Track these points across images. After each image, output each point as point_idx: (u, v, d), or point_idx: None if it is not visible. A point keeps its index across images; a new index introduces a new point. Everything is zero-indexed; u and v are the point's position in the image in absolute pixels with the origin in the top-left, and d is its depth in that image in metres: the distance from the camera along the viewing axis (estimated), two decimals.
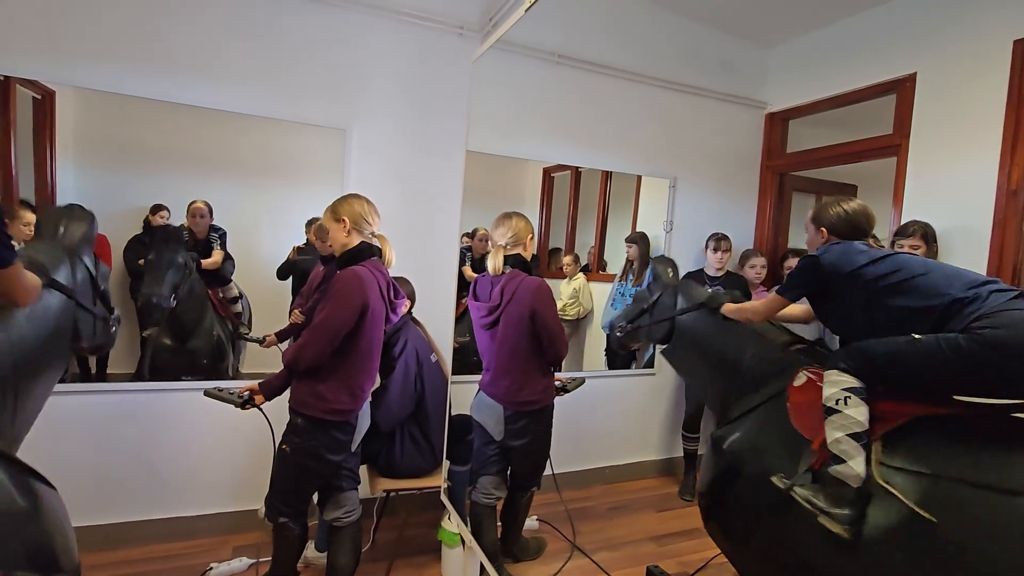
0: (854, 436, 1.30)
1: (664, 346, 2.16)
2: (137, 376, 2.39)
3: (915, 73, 2.63)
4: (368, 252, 1.82)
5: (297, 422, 1.77)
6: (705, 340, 1.96)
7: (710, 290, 2.09)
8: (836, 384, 1.38)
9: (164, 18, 2.23)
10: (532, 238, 2.08)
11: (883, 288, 1.40)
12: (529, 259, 2.08)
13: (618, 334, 2.27)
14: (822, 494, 1.32)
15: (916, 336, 1.30)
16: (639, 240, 3.26)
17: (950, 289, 1.31)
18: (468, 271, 2.94)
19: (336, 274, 1.77)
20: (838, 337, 1.69)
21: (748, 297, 2.61)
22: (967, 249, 2.34)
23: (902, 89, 2.69)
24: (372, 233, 1.85)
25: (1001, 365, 1.18)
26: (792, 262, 3.01)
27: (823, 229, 1.64)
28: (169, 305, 2.35)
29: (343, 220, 1.80)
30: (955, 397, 1.32)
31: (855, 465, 1.27)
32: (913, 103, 2.63)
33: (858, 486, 1.27)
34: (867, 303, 1.43)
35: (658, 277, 2.20)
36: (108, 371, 2.38)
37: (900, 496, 1.22)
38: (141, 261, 2.35)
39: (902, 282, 1.38)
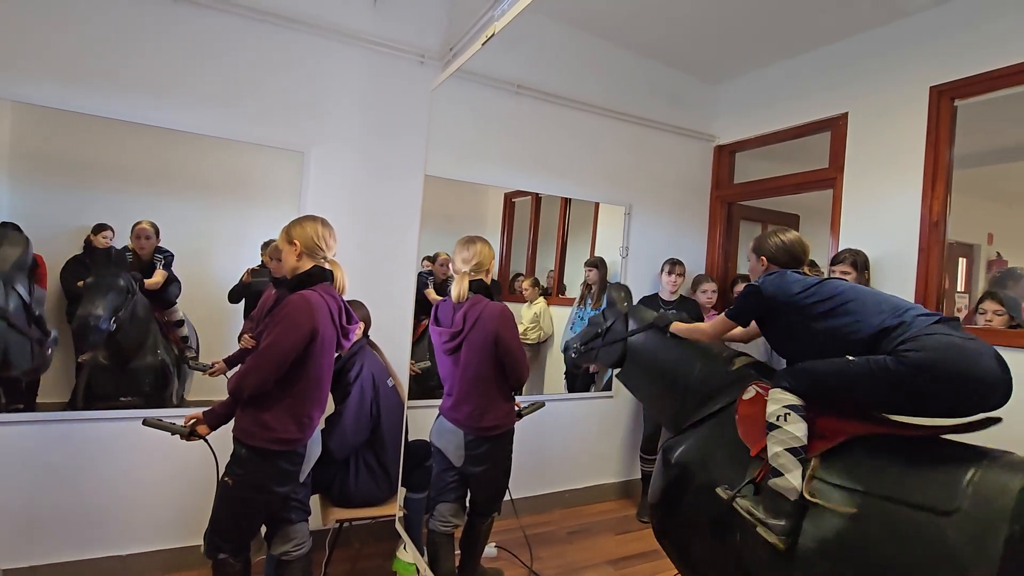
0: (792, 451, 1.37)
1: (619, 370, 2.20)
2: (71, 404, 2.25)
3: (846, 113, 2.84)
4: (320, 276, 1.76)
5: (241, 453, 1.69)
6: (655, 359, 2.01)
7: (659, 312, 2.16)
8: (778, 401, 1.45)
9: (113, 33, 2.18)
10: (494, 263, 2.10)
11: (818, 313, 1.49)
12: (490, 284, 2.10)
13: (572, 355, 2.31)
14: (761, 505, 1.38)
15: (850, 358, 1.38)
16: (599, 264, 3.34)
17: (878, 314, 1.40)
18: (431, 294, 2.94)
19: (284, 298, 1.72)
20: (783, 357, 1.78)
21: (700, 320, 2.72)
22: (896, 275, 2.51)
23: (835, 127, 2.90)
24: (325, 258, 1.80)
25: (924, 385, 1.27)
26: (741, 287, 3.15)
27: (763, 258, 1.74)
28: (108, 328, 2.24)
29: (295, 243, 1.76)
30: (891, 417, 1.40)
31: (792, 479, 1.34)
32: (846, 140, 2.84)
33: (795, 499, 1.33)
34: (804, 327, 1.52)
35: (612, 303, 2.26)
36: (38, 399, 2.23)
37: (830, 507, 1.28)
38: (80, 283, 2.24)
39: (835, 308, 1.47)
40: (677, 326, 1.94)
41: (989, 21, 2.33)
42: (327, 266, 1.80)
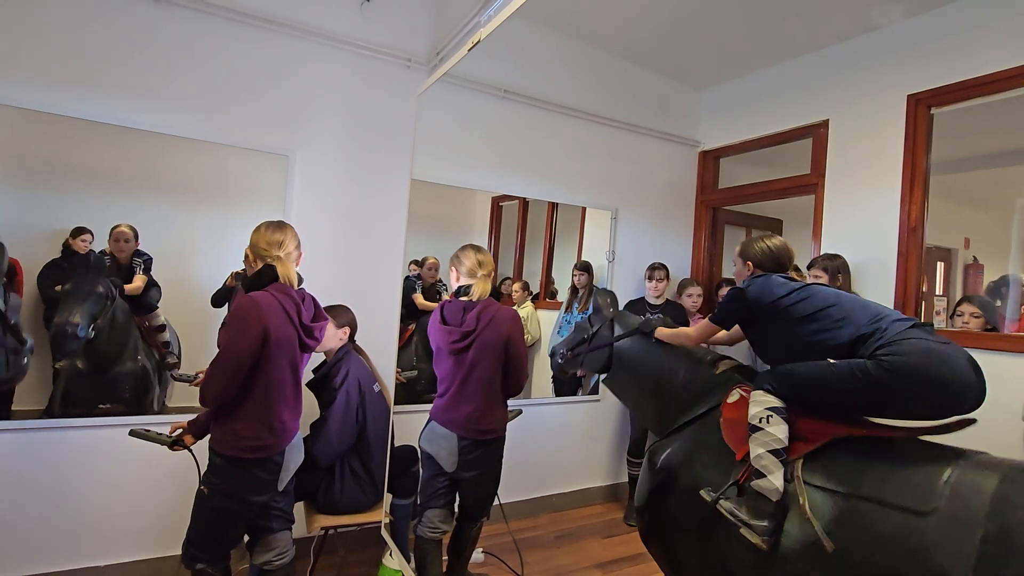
0: (774, 452, 1.39)
1: (605, 375, 2.21)
2: (47, 412, 2.19)
3: (827, 120, 2.90)
4: (270, 276, 1.70)
5: (216, 462, 1.66)
6: (640, 364, 2.03)
7: (645, 317, 2.17)
8: (760, 404, 1.47)
9: (92, 34, 2.15)
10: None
11: (799, 318, 1.52)
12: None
13: (559, 360, 2.32)
14: (744, 507, 1.40)
15: (831, 361, 1.41)
16: (588, 268, 3.36)
17: (856, 319, 1.44)
18: (419, 299, 2.93)
19: (234, 302, 1.70)
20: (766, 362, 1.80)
21: (686, 324, 2.74)
22: (876, 279, 2.56)
23: (817, 134, 2.95)
24: (278, 257, 1.74)
25: (902, 388, 1.30)
26: (726, 291, 3.19)
27: (749, 263, 1.76)
28: (86, 335, 2.19)
29: (247, 252, 1.75)
30: (871, 419, 1.43)
31: (774, 480, 1.36)
32: (827, 146, 2.89)
33: (776, 500, 1.35)
34: (786, 331, 1.55)
35: (598, 309, 2.28)
36: (13, 407, 2.17)
37: (810, 515, 1.30)
38: (58, 288, 2.19)
39: (815, 312, 1.50)
40: (661, 331, 1.96)
41: (964, 32, 2.40)
42: (276, 265, 1.74)
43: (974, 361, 1.30)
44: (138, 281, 2.33)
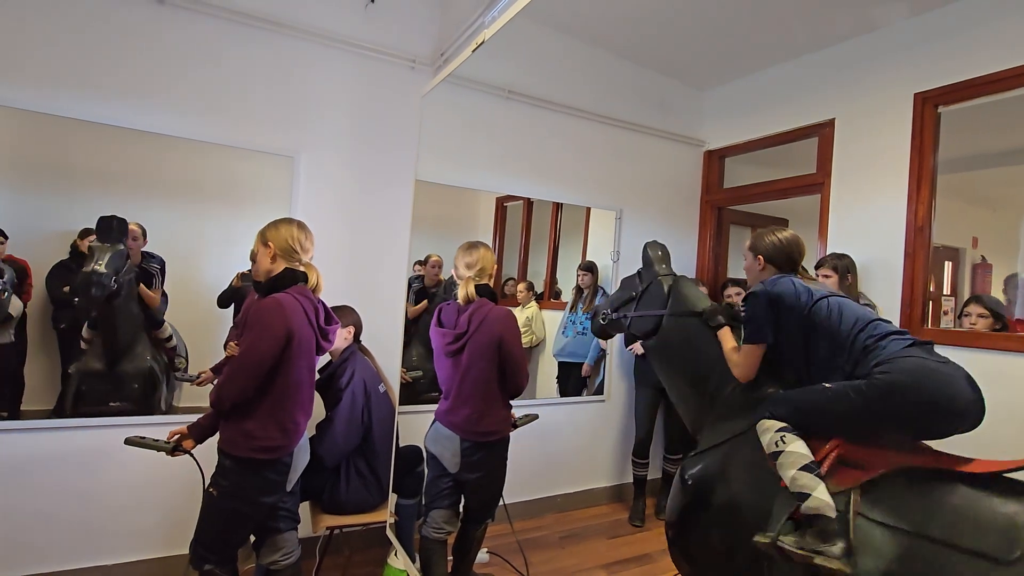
0: (806, 468, 1.31)
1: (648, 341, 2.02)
2: (56, 412, 2.21)
3: (833, 119, 2.88)
4: (291, 278, 1.71)
5: (225, 463, 1.67)
6: (691, 350, 1.84)
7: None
8: (768, 430, 1.41)
9: (100, 37, 2.17)
10: (495, 268, 2.09)
11: (812, 329, 1.47)
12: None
13: (601, 321, 2.13)
14: (807, 535, 1.27)
15: (826, 385, 1.38)
16: (592, 268, 3.35)
17: (856, 335, 1.40)
18: (410, 308, 2.90)
19: (257, 303, 1.68)
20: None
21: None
22: (883, 279, 2.54)
23: (822, 133, 2.94)
24: (300, 261, 1.76)
25: (898, 408, 1.26)
26: (731, 290, 3.17)
27: (760, 256, 1.70)
28: (109, 285, 2.18)
29: (269, 245, 1.73)
30: (937, 448, 1.33)
31: (820, 495, 1.26)
32: (833, 145, 2.87)
33: (835, 515, 1.24)
34: (800, 337, 1.50)
35: (649, 264, 2.06)
36: (23, 407, 2.20)
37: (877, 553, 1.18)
38: (66, 288, 2.21)
39: (823, 323, 1.46)
40: (726, 335, 1.75)
41: (971, 29, 2.38)
42: (301, 268, 1.76)
43: (973, 381, 1.26)
44: (156, 293, 2.35)
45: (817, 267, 2.46)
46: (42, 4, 2.07)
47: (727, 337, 1.74)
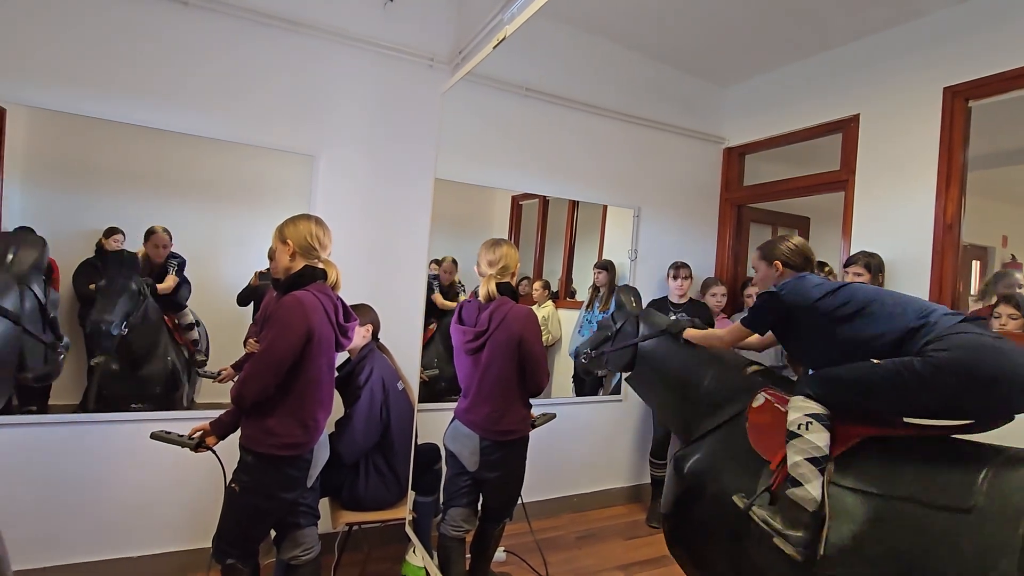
0: (812, 460, 1.33)
1: (628, 373, 2.18)
2: (82, 407, 2.26)
3: (858, 114, 2.82)
4: (311, 276, 1.72)
5: (247, 459, 1.68)
6: (667, 365, 1.99)
7: (673, 317, 2.14)
8: (800, 409, 1.41)
9: (125, 39, 2.20)
10: (518, 266, 2.08)
11: (840, 318, 1.45)
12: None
13: (583, 360, 2.29)
14: (779, 516, 1.35)
15: (875, 361, 1.34)
16: (608, 267, 3.33)
17: (902, 316, 1.37)
18: (439, 299, 2.93)
19: (278, 300, 1.69)
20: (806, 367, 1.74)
21: (711, 324, 2.68)
22: (910, 278, 2.48)
23: (847, 129, 2.88)
24: (319, 258, 1.76)
25: (953, 386, 1.23)
26: (752, 290, 3.13)
27: (777, 263, 1.71)
28: (119, 332, 2.26)
29: (288, 243, 1.73)
30: (904, 419, 1.37)
31: (812, 489, 1.31)
32: (857, 142, 2.81)
33: (813, 510, 1.30)
34: (826, 332, 1.48)
35: (621, 306, 2.24)
36: (51, 402, 2.25)
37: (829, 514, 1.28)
38: (92, 286, 2.26)
39: (857, 311, 1.43)
40: (691, 332, 1.92)
41: (1004, 21, 2.30)
42: (320, 266, 1.77)
43: None
44: (169, 281, 2.38)
45: (847, 265, 2.41)
46: (68, 7, 2.11)
47: (696, 334, 1.90)
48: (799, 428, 1.38)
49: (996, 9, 2.33)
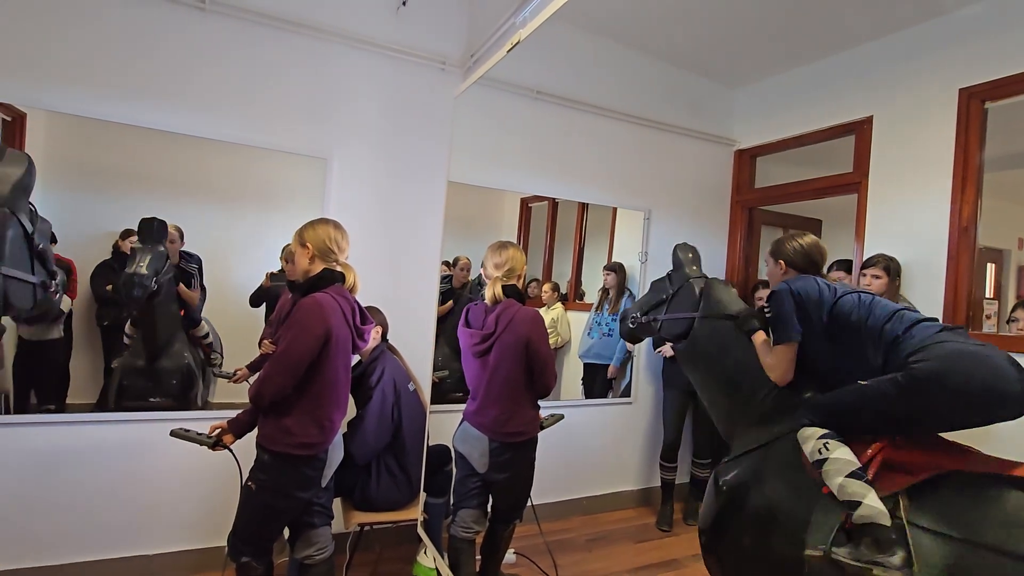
0: (853, 475, 1.26)
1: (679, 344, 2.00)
2: (99, 406, 2.29)
3: (871, 116, 2.80)
4: (330, 278, 1.75)
5: (263, 459, 1.70)
6: (724, 353, 1.80)
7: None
8: (811, 438, 1.38)
9: (142, 43, 2.23)
10: (525, 268, 2.07)
11: (838, 326, 1.45)
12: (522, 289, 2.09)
13: (630, 324, 2.11)
14: (862, 546, 1.22)
15: (862, 383, 1.33)
16: (618, 269, 3.32)
17: (883, 327, 1.36)
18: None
19: (297, 302, 1.71)
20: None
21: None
22: (925, 282, 2.46)
23: (860, 131, 2.86)
24: (337, 261, 1.79)
25: (937, 397, 1.21)
26: (762, 292, 3.11)
27: (781, 262, 1.71)
28: (150, 286, 2.26)
29: (307, 246, 1.76)
30: (980, 452, 1.29)
31: (871, 502, 1.22)
32: (871, 144, 2.79)
33: (890, 523, 1.20)
34: (825, 337, 1.47)
35: (679, 266, 2.02)
36: (68, 401, 2.28)
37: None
38: (109, 287, 2.29)
39: (849, 318, 1.43)
40: (760, 339, 1.70)
41: (1021, 22, 2.28)
42: (338, 269, 1.80)
43: (1016, 362, 1.20)
44: (194, 293, 2.42)
45: (865, 267, 2.39)
46: (85, 12, 2.14)
47: (761, 343, 1.71)
48: (820, 452, 1.33)
49: (1012, 10, 2.31)
